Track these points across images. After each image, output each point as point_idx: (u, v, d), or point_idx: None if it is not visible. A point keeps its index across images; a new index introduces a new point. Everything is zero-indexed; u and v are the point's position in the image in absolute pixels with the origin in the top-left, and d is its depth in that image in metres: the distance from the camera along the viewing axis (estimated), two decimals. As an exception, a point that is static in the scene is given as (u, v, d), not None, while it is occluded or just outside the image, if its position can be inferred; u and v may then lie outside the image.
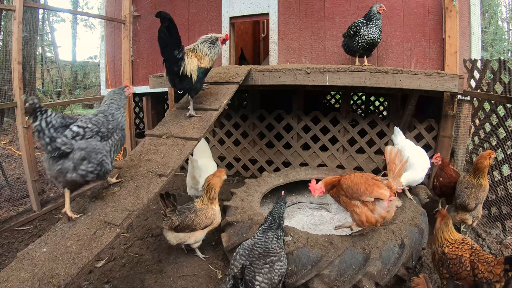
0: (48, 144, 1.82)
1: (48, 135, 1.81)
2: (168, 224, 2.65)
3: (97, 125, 2.02)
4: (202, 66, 2.91)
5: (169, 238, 2.74)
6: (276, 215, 2.24)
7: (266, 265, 1.96)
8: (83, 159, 1.90)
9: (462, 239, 2.12)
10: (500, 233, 3.19)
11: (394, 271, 2.30)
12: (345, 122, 4.52)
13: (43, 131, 1.80)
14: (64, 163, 1.88)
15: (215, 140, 5.20)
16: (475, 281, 1.92)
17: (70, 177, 1.90)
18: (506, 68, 3.12)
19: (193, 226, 2.66)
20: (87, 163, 1.92)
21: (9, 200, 4.32)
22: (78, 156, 1.88)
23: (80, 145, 1.89)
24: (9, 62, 4.35)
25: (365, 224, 2.29)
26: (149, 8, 5.53)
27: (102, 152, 1.98)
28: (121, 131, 2.19)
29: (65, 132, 1.88)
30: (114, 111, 2.20)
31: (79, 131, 1.93)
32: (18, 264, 1.95)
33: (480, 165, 2.71)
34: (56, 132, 1.84)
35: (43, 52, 12.90)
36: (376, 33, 3.64)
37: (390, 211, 2.30)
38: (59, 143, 1.83)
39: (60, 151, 1.84)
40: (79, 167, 1.90)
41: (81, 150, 1.90)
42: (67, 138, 1.87)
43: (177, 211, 2.68)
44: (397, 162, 2.35)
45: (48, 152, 1.87)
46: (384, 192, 2.24)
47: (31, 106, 1.74)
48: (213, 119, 2.99)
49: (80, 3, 22.02)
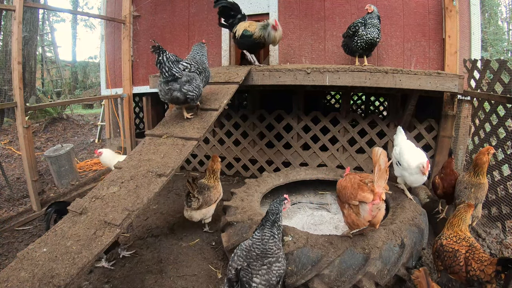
0: (167, 71, 2.63)
1: (167, 65, 2.62)
2: (196, 203, 3.14)
3: (196, 64, 2.84)
4: None
5: (195, 216, 3.23)
6: (270, 212, 2.20)
7: (264, 266, 1.95)
8: (187, 82, 2.72)
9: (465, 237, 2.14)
10: (500, 233, 3.19)
11: (394, 271, 2.30)
12: (345, 122, 4.52)
13: (164, 62, 2.60)
14: (173, 85, 2.69)
15: (215, 140, 5.20)
16: (467, 277, 1.94)
17: (175, 94, 2.72)
18: (506, 68, 3.12)
19: (210, 201, 3.23)
20: (189, 85, 2.73)
21: (9, 200, 4.32)
22: (184, 79, 2.70)
23: (186, 74, 2.74)
24: (9, 62, 4.36)
25: (353, 227, 2.29)
26: (149, 8, 5.54)
27: (198, 80, 2.81)
28: (207, 71, 3.01)
29: (178, 65, 2.70)
30: (203, 58, 3.05)
31: (187, 66, 2.75)
32: (18, 264, 1.95)
33: (479, 161, 2.71)
34: (172, 64, 2.65)
35: (43, 52, 12.88)
36: (374, 33, 3.64)
37: (378, 216, 2.23)
38: (174, 71, 2.66)
39: (174, 77, 2.66)
40: (183, 87, 2.71)
41: (186, 77, 2.73)
42: (179, 69, 2.69)
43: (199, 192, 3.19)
44: (382, 163, 2.21)
45: (165, 77, 2.66)
46: (367, 195, 2.18)
47: (155, 47, 2.54)
48: (213, 119, 2.99)
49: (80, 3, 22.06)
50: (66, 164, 4.87)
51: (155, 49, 2.57)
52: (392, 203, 3.01)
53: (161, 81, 2.74)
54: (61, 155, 4.85)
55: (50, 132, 8.28)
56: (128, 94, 5.68)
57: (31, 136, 3.90)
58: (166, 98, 2.79)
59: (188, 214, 3.24)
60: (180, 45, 5.35)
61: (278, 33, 3.84)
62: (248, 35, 3.83)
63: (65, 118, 9.27)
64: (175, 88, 2.69)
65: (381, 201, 2.21)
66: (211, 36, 5.08)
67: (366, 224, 2.25)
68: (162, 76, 2.69)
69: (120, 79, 5.87)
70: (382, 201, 2.22)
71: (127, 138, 5.77)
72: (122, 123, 5.84)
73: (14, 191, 4.54)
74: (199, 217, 3.25)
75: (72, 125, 9.03)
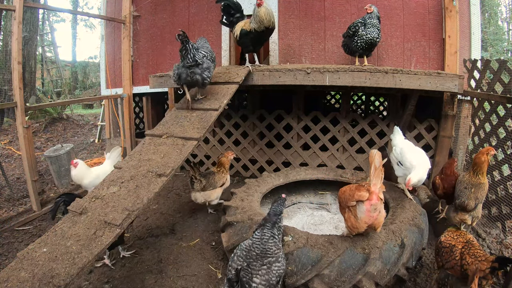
0: (191, 58, 3.01)
1: (192, 53, 3.01)
2: (198, 185, 3.50)
3: (210, 53, 3.24)
4: None
5: (198, 197, 3.57)
6: (272, 213, 2.22)
7: (264, 266, 1.95)
8: (206, 68, 3.12)
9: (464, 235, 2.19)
10: (500, 233, 3.19)
11: (394, 271, 2.30)
12: (345, 122, 4.52)
13: (189, 50, 2.99)
14: (195, 69, 3.08)
15: (215, 140, 5.20)
16: (462, 271, 1.97)
17: (196, 77, 3.09)
18: (506, 68, 3.12)
19: (214, 184, 3.55)
20: (208, 72, 3.14)
21: (9, 200, 4.32)
22: (205, 66, 3.11)
23: (205, 61, 3.13)
24: (9, 62, 4.35)
25: (353, 230, 2.29)
26: (149, 8, 5.53)
27: (212, 68, 3.22)
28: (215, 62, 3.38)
29: (199, 53, 3.08)
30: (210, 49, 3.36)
31: (205, 54, 3.15)
32: (18, 264, 1.95)
33: (477, 160, 2.71)
34: (195, 51, 3.04)
35: (43, 52, 12.88)
36: (374, 33, 3.64)
37: (378, 219, 2.23)
38: (197, 58, 3.04)
39: (197, 62, 3.05)
40: (203, 72, 3.11)
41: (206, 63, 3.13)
42: (200, 57, 3.08)
43: (202, 175, 3.56)
44: (377, 162, 2.26)
45: (189, 63, 3.03)
46: (363, 193, 2.19)
47: (181, 35, 2.93)
48: (213, 119, 2.99)
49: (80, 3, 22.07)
50: (66, 164, 4.87)
51: (181, 37, 2.94)
52: (392, 203, 3.01)
53: (181, 66, 3.13)
54: (61, 155, 4.85)
55: (50, 132, 8.28)
56: (128, 94, 5.68)
57: (31, 136, 3.90)
58: (187, 81, 3.13)
59: (193, 195, 3.60)
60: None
61: (262, 10, 3.52)
62: (245, 33, 3.81)
63: (65, 118, 9.27)
64: (196, 72, 3.08)
65: (379, 202, 2.21)
66: (211, 36, 5.08)
67: (364, 227, 2.25)
68: (186, 61, 3.05)
69: (120, 79, 5.87)
70: (380, 201, 2.22)
71: (127, 138, 5.77)
72: (122, 123, 5.84)
73: (14, 191, 4.54)
74: (202, 199, 3.57)
75: (72, 125, 9.03)
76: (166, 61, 5.50)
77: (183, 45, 2.98)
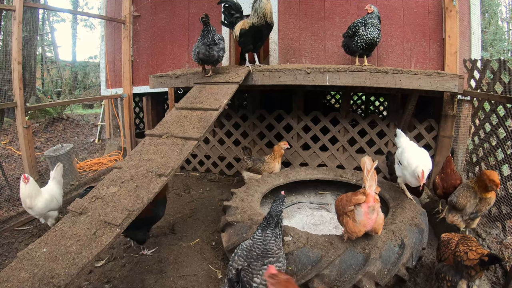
0: (211, 37, 3.53)
1: (212, 34, 3.54)
2: (244, 165, 4.13)
3: (223, 40, 3.73)
4: None
5: (244, 175, 4.14)
6: (274, 213, 2.22)
7: (265, 266, 1.94)
8: (221, 49, 3.66)
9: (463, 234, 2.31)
10: (500, 233, 3.19)
11: (394, 271, 2.30)
12: (345, 122, 4.52)
13: (211, 31, 3.54)
14: (213, 48, 3.57)
15: (215, 140, 5.20)
16: (454, 259, 2.05)
17: (213, 54, 3.59)
18: (506, 68, 3.12)
19: (259, 171, 3.99)
20: (222, 52, 3.67)
21: (9, 200, 4.32)
22: (221, 46, 3.64)
23: (221, 43, 3.66)
24: (9, 62, 4.35)
25: (352, 234, 2.30)
26: (149, 8, 5.54)
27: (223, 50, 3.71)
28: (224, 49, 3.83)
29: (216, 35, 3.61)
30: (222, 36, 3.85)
31: (219, 37, 3.66)
32: (18, 264, 1.95)
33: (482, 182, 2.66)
34: (214, 33, 3.59)
35: (43, 52, 12.89)
36: (374, 33, 3.64)
37: (378, 221, 2.25)
38: (216, 38, 3.57)
39: (215, 42, 3.56)
40: (219, 52, 3.63)
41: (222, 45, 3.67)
42: (217, 38, 3.60)
43: (251, 158, 4.12)
44: (368, 166, 2.34)
45: (208, 42, 3.53)
46: (360, 196, 2.24)
47: (204, 17, 3.47)
48: (213, 119, 2.99)
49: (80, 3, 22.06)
50: (66, 164, 4.86)
51: (204, 19, 3.46)
52: (392, 203, 3.01)
53: (201, 44, 3.59)
54: (61, 155, 4.85)
55: (50, 132, 8.28)
56: (128, 94, 5.68)
57: (31, 136, 3.90)
58: (205, 55, 3.59)
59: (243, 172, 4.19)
60: (180, 45, 5.35)
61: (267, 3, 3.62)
62: (244, 31, 3.83)
63: (65, 118, 9.26)
64: (214, 49, 3.58)
65: (376, 202, 2.23)
66: (211, 36, 5.08)
67: (363, 230, 2.26)
68: (206, 39, 3.54)
69: (120, 79, 5.88)
70: (378, 202, 2.24)
71: (127, 138, 5.78)
72: (122, 123, 5.85)
73: (14, 191, 4.54)
74: (246, 177, 4.10)
75: (72, 125, 9.03)
76: (166, 61, 5.50)
77: (205, 26, 3.50)
